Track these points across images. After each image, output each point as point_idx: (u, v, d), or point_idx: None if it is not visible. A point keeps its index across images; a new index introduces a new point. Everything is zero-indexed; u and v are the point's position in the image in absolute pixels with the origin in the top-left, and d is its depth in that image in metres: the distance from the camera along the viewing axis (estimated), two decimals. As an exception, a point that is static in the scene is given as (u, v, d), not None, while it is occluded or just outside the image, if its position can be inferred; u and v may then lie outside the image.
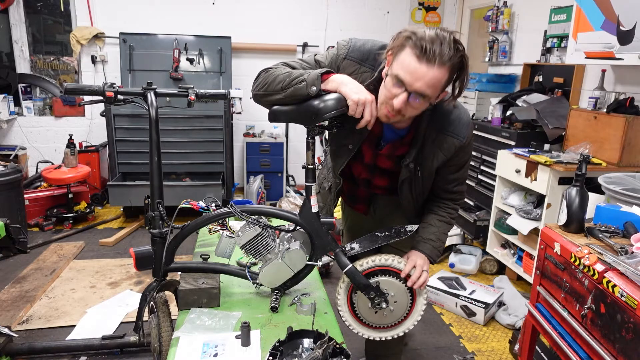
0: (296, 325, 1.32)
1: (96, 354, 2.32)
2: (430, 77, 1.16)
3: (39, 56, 4.74)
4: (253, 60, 4.91)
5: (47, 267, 3.19)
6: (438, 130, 1.37)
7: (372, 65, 1.35)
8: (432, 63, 1.14)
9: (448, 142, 1.38)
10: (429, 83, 1.17)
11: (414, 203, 1.55)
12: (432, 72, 1.16)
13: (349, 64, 1.36)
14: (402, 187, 1.48)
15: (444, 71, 1.17)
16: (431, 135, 1.38)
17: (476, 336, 2.63)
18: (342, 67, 1.37)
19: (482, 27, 4.67)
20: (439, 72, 1.16)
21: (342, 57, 1.37)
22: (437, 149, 1.39)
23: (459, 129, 1.38)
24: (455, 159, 1.43)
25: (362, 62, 1.36)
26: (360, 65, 1.36)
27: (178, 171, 4.29)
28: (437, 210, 1.55)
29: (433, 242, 1.51)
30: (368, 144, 1.46)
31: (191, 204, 1.46)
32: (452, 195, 1.55)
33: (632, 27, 2.43)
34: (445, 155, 1.40)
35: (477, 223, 3.50)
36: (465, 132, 1.39)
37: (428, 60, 1.14)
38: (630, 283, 1.28)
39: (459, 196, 1.56)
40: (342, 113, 1.26)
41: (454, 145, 1.38)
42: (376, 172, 1.54)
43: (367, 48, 1.36)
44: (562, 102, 3.24)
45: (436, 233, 1.52)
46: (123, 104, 1.49)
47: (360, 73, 1.35)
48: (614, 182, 2.07)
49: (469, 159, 1.51)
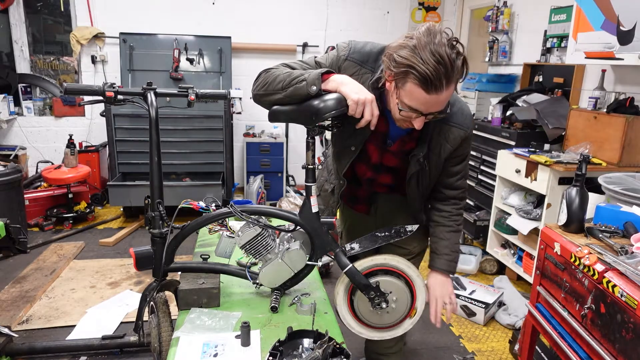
0: (296, 325, 1.32)
1: (96, 354, 2.32)
2: (443, 100, 1.20)
3: (39, 56, 4.74)
4: (253, 60, 4.91)
5: (47, 267, 3.19)
6: (443, 121, 1.39)
7: (372, 67, 1.37)
8: (440, 90, 1.16)
9: (454, 132, 1.40)
10: (443, 103, 1.22)
11: (420, 197, 1.56)
12: (443, 96, 1.18)
13: (350, 65, 1.38)
14: (410, 182, 1.49)
15: (452, 86, 1.19)
16: (437, 127, 1.40)
17: (476, 336, 2.63)
18: (343, 68, 1.38)
19: (482, 27, 4.67)
20: (448, 91, 1.18)
21: (343, 58, 1.38)
22: (444, 140, 1.42)
23: (463, 120, 1.41)
24: (460, 150, 1.45)
25: (362, 64, 1.37)
26: (361, 67, 1.37)
27: (178, 171, 4.29)
28: (443, 222, 1.56)
29: (447, 256, 1.54)
30: (374, 143, 1.47)
31: (191, 204, 1.46)
32: (455, 192, 1.54)
33: (632, 27, 2.43)
34: (452, 145, 1.42)
35: (477, 223, 3.50)
36: (469, 122, 1.43)
37: (436, 89, 1.15)
38: (630, 283, 1.28)
39: (462, 193, 1.56)
40: (342, 113, 1.26)
41: (460, 136, 1.41)
42: (382, 170, 1.54)
43: (367, 50, 1.38)
44: (562, 102, 3.24)
45: (448, 246, 1.55)
46: (123, 104, 1.49)
47: (361, 74, 1.36)
48: (614, 182, 2.07)
49: (470, 152, 1.53)
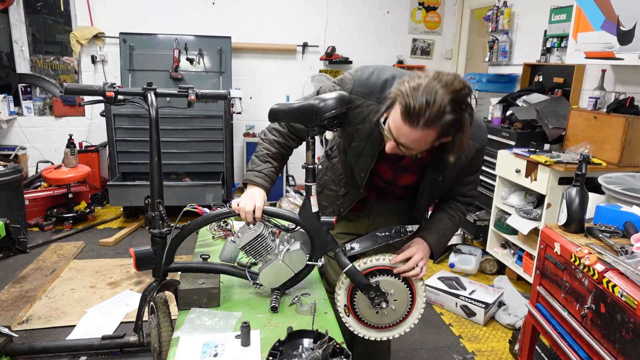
0: (296, 325, 1.32)
1: (96, 354, 2.32)
2: (413, 138, 1.17)
3: (39, 56, 4.74)
4: (253, 60, 4.91)
5: (47, 267, 3.19)
6: None
7: (377, 98, 1.36)
8: (415, 125, 1.14)
9: (469, 145, 1.40)
10: (412, 141, 1.18)
11: (428, 206, 1.59)
12: (414, 133, 1.16)
13: (355, 98, 1.39)
14: (423, 193, 1.50)
15: (429, 132, 1.16)
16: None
17: (476, 336, 2.63)
18: None
19: (482, 27, 4.67)
20: (423, 134, 1.16)
21: (348, 92, 1.39)
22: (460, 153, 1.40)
23: (479, 133, 1.42)
24: (474, 161, 1.47)
25: (367, 96, 1.38)
26: (365, 99, 1.38)
27: (178, 171, 4.29)
28: (448, 210, 1.57)
29: (440, 237, 1.53)
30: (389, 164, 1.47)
31: (196, 208, 1.47)
32: (466, 199, 1.57)
33: (632, 27, 2.43)
34: (467, 157, 1.43)
35: (477, 223, 3.50)
36: (485, 136, 1.45)
37: (411, 121, 1.14)
38: (630, 283, 1.28)
39: (472, 200, 1.59)
40: (341, 112, 1.27)
41: (475, 148, 1.42)
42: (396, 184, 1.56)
43: (372, 82, 1.38)
44: (562, 102, 3.24)
45: (444, 229, 1.54)
46: (123, 104, 1.49)
47: (366, 106, 1.38)
48: (614, 182, 2.07)
49: (482, 163, 1.55)
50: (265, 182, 1.50)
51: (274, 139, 1.54)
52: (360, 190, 1.56)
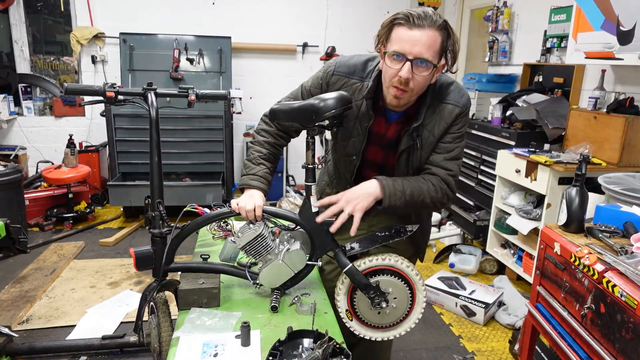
0: (296, 325, 1.32)
1: (96, 354, 2.32)
2: (426, 39, 1.25)
3: (39, 56, 4.74)
4: (253, 60, 4.92)
5: (47, 267, 3.19)
6: (439, 100, 1.42)
7: (360, 76, 1.44)
8: (423, 27, 1.24)
9: (448, 109, 1.42)
10: (426, 44, 1.25)
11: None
12: (425, 35, 1.25)
13: (338, 78, 1.46)
14: (400, 159, 1.47)
15: (436, 33, 1.26)
16: (431, 107, 1.42)
17: (476, 336, 2.63)
18: (331, 83, 1.47)
19: (482, 27, 4.67)
20: (432, 34, 1.25)
21: (330, 73, 1.47)
22: (438, 117, 1.43)
23: (458, 97, 1.43)
24: (453, 127, 1.44)
25: (350, 75, 1.45)
26: (348, 78, 1.45)
27: (178, 171, 4.29)
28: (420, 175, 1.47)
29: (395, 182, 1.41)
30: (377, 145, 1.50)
31: (197, 209, 1.48)
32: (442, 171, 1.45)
33: (632, 27, 2.43)
34: (446, 122, 1.42)
35: (477, 223, 3.50)
36: (464, 100, 1.43)
37: (419, 26, 1.24)
38: (630, 283, 1.28)
39: (450, 174, 1.46)
40: (341, 112, 1.28)
41: (454, 113, 1.42)
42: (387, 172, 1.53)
43: (353, 62, 1.46)
44: (562, 102, 3.24)
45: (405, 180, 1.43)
46: (123, 104, 1.49)
47: (350, 85, 1.44)
48: (614, 182, 2.07)
49: (464, 137, 1.48)
50: (261, 184, 1.51)
51: (263, 140, 1.56)
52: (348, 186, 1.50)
